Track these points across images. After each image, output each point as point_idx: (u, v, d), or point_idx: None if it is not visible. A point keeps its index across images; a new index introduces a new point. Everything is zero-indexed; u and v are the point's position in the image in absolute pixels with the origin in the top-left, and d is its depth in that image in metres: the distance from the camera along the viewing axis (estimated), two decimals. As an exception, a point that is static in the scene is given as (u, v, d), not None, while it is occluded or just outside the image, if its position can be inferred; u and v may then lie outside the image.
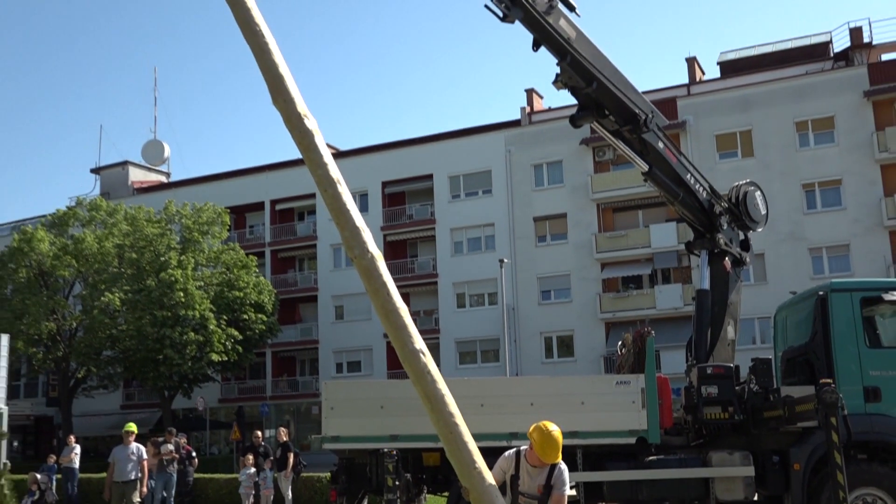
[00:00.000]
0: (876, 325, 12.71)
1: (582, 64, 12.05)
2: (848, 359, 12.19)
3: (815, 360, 12.62)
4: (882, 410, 11.98)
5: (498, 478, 5.95)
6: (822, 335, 12.49)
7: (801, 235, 41.72)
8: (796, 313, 13.94)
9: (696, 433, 13.03)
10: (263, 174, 56.07)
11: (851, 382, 11.94)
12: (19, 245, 44.33)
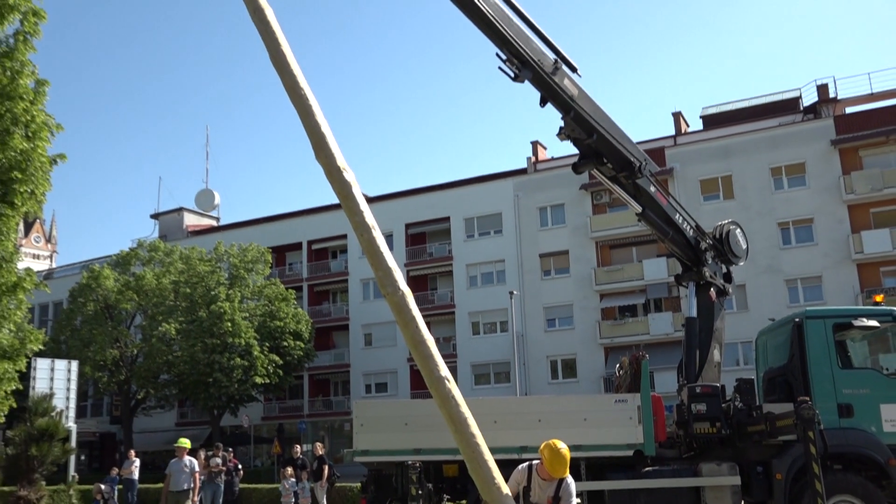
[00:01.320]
0: (847, 349, 12.62)
1: (584, 118, 12.12)
2: (823, 379, 12.07)
3: (793, 380, 12.50)
4: (855, 425, 11.83)
5: (512, 489, 5.92)
6: (798, 357, 12.39)
7: (778, 268, 41.49)
8: (775, 338, 13.83)
9: (687, 446, 12.92)
10: (301, 218, 56.49)
11: (826, 400, 11.80)
12: (88, 282, 44.74)
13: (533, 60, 11.18)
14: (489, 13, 10.43)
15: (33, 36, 15.45)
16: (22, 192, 14.97)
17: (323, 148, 4.16)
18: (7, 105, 14.75)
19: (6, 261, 15.02)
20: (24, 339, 15.57)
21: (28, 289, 15.56)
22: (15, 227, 15.37)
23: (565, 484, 6.36)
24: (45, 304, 59.43)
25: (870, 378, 12.25)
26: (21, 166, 14.78)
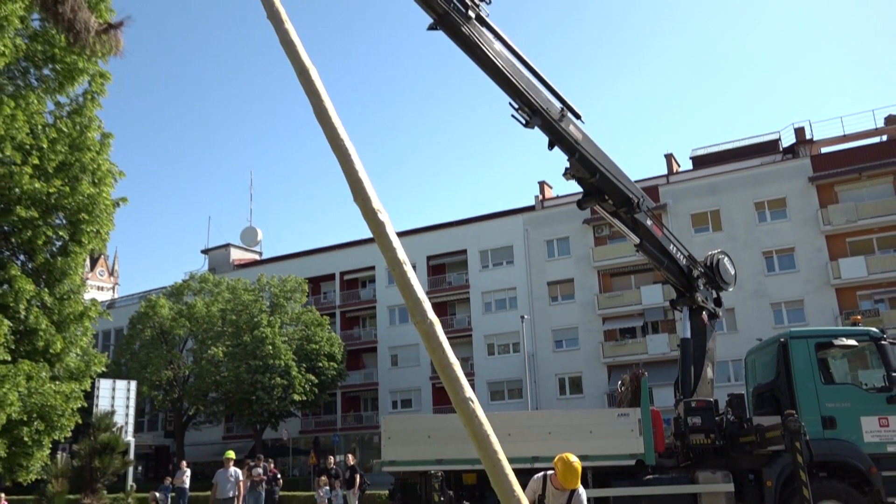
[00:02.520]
0: (829, 366, 12.44)
1: (588, 159, 12.14)
2: (807, 393, 11.88)
3: (780, 394, 12.31)
4: (838, 436, 11.61)
5: (529, 497, 5.85)
6: (784, 374, 12.22)
7: (764, 293, 41.03)
8: (763, 356, 13.65)
9: (684, 456, 12.71)
10: (334, 252, 56.65)
11: (811, 413, 11.61)
12: (146, 310, 44.98)
13: (542, 109, 11.24)
14: (504, 69, 10.53)
15: (100, 95, 15.76)
16: (89, 232, 15.17)
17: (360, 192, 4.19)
18: (77, 155, 15.01)
19: (74, 293, 15.18)
20: (89, 362, 15.66)
21: (93, 317, 15.69)
22: (82, 263, 15.54)
23: (577, 494, 6.29)
24: (108, 330, 59.81)
25: (850, 393, 12.04)
26: (88, 209, 14.99)
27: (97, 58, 13.55)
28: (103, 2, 14.76)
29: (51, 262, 14.79)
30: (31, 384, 13.67)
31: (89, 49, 5.21)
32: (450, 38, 9.93)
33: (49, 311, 14.58)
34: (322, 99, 4.32)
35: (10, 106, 13.53)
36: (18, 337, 14.09)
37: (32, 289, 14.00)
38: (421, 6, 9.44)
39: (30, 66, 15.07)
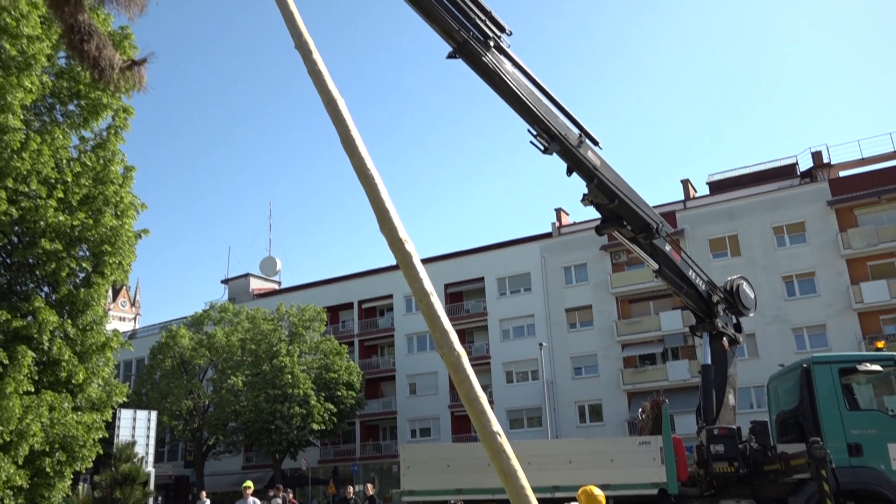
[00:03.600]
0: (853, 392, 12.19)
1: (606, 185, 12.11)
2: (832, 420, 11.64)
3: (804, 421, 12.08)
4: (864, 463, 11.34)
5: None
6: (808, 400, 12.00)
7: (785, 318, 40.51)
8: (785, 382, 13.42)
9: (708, 485, 12.45)
10: (352, 281, 56.76)
11: (836, 440, 11.36)
12: (166, 340, 45.21)
13: (561, 135, 11.26)
14: (523, 96, 10.58)
15: (123, 129, 16.06)
16: (111, 264, 15.34)
17: (387, 221, 4.20)
18: (100, 188, 15.25)
19: (97, 324, 15.31)
20: (110, 393, 15.74)
21: (115, 348, 15.80)
22: (105, 294, 15.70)
23: None
24: (130, 360, 60.13)
25: (876, 419, 11.79)
26: (111, 241, 15.19)
27: (121, 93, 13.82)
28: (127, 39, 15.11)
29: (74, 294, 14.96)
30: (54, 415, 13.75)
31: (113, 85, 5.33)
32: (469, 66, 10.01)
33: (72, 342, 14.71)
34: (349, 129, 4.36)
35: (37, 141, 13.81)
36: (42, 368, 14.21)
37: (56, 320, 14.15)
38: (440, 35, 9.53)
39: (56, 103, 15.42)
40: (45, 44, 14.06)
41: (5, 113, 13.28)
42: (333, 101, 4.44)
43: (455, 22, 9.40)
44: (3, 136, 13.30)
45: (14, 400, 12.77)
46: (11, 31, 13.53)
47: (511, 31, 10.19)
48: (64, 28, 5.12)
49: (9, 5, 11.63)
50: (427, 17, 9.18)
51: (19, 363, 13.08)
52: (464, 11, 9.52)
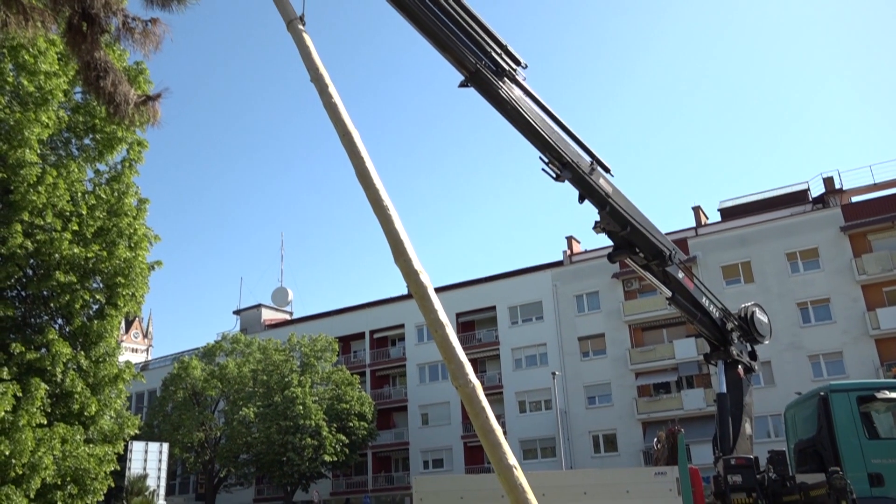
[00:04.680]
0: (872, 420, 11.97)
1: (619, 212, 12.08)
2: (851, 449, 11.43)
3: (823, 450, 11.87)
4: (886, 494, 11.09)
5: None
6: (826, 429, 11.80)
7: (801, 345, 40.09)
8: (803, 411, 13.23)
9: (726, 517, 12.21)
10: (363, 311, 56.76)
11: (856, 470, 11.14)
12: (178, 372, 45.22)
13: (573, 162, 11.27)
14: (535, 123, 10.61)
15: (137, 162, 16.26)
16: (124, 295, 15.43)
17: (402, 253, 4.21)
18: (114, 221, 15.40)
19: (109, 355, 15.35)
20: (122, 425, 15.71)
21: (127, 380, 15.81)
22: (118, 326, 15.76)
23: None
24: (142, 392, 60.17)
25: (897, 448, 11.56)
26: (124, 273, 15.29)
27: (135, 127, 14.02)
28: (142, 74, 15.36)
29: (87, 326, 15.02)
30: (66, 448, 13.73)
31: (128, 120, 5.41)
32: (480, 95, 10.07)
33: (85, 374, 14.74)
34: (365, 161, 4.40)
35: (53, 175, 14.00)
36: (54, 400, 14.23)
37: (69, 352, 14.20)
38: (453, 64, 9.61)
39: (72, 137, 15.66)
40: (62, 79, 14.33)
41: (22, 148, 13.49)
42: (349, 134, 4.49)
43: (468, 51, 9.48)
44: (19, 170, 13.50)
45: (27, 433, 12.78)
46: (30, 68, 13.80)
47: (527, 65, 10.25)
48: (81, 65, 5.22)
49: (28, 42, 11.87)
50: (440, 47, 9.27)
51: (32, 395, 13.11)
52: (478, 43, 9.60)
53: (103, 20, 5.00)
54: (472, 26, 9.42)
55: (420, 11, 8.73)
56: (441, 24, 9.01)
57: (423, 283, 4.09)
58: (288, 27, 6.34)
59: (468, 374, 3.91)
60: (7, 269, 13.89)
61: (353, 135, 4.47)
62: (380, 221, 4.31)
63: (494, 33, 9.76)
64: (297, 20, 6.38)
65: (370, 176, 4.36)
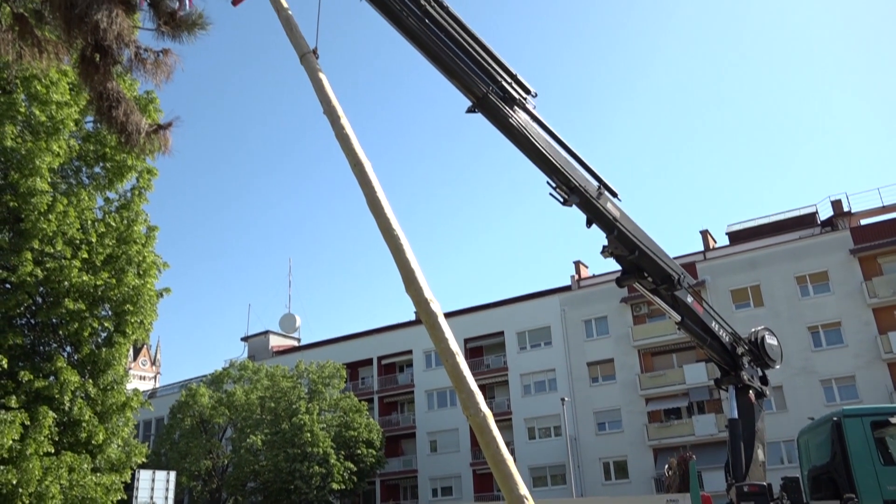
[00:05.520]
0: (887, 445, 11.81)
1: (627, 236, 12.09)
2: (866, 475, 11.27)
3: (838, 477, 11.70)
4: (903, 521, 10.91)
5: None
6: (841, 455, 11.64)
7: (812, 370, 39.70)
8: (816, 437, 13.08)
9: (739, 544, 12.02)
10: (371, 337, 56.65)
11: (872, 497, 10.98)
12: (186, 399, 45.08)
13: (580, 187, 11.31)
14: (543, 149, 10.67)
15: (147, 190, 16.40)
16: (133, 323, 15.48)
17: (412, 282, 4.22)
18: (123, 248, 15.50)
19: (117, 383, 15.37)
20: (130, 453, 15.67)
21: (135, 407, 15.81)
22: (126, 353, 15.79)
23: None
24: (150, 420, 59.96)
25: (913, 474, 11.38)
26: (133, 300, 15.35)
27: (146, 156, 14.17)
28: (152, 103, 15.57)
29: (96, 353, 15.05)
30: (73, 476, 13.69)
31: (139, 149, 5.49)
32: (488, 120, 10.14)
33: (92, 402, 14.75)
34: (376, 191, 4.45)
35: (63, 203, 14.14)
36: (62, 428, 14.22)
37: (77, 380, 14.22)
38: (460, 90, 9.69)
39: (82, 165, 15.83)
40: (73, 109, 14.53)
41: (34, 176, 13.64)
42: (360, 164, 4.54)
43: (476, 78, 9.56)
44: (30, 198, 13.63)
45: (34, 461, 12.76)
46: (42, 98, 14.01)
47: (536, 93, 10.33)
48: (93, 95, 5.30)
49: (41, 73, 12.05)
50: (448, 74, 9.36)
51: (40, 424, 13.11)
52: (488, 72, 9.68)
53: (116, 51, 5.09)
54: (482, 55, 9.52)
55: (429, 39, 8.82)
56: (450, 52, 9.11)
57: (434, 312, 4.09)
58: (301, 60, 6.44)
59: (479, 403, 3.89)
60: (17, 296, 13.98)
61: (365, 164, 4.53)
62: (390, 250, 4.33)
63: (504, 62, 9.85)
64: (311, 53, 6.49)
65: (381, 205, 4.40)
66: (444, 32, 8.97)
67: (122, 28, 4.86)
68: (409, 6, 8.55)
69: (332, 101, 4.92)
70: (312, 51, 6.60)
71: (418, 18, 8.64)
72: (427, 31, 8.77)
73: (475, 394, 3.90)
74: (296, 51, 6.56)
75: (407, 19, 8.56)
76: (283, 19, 6.80)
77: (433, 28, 8.82)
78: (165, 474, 24.36)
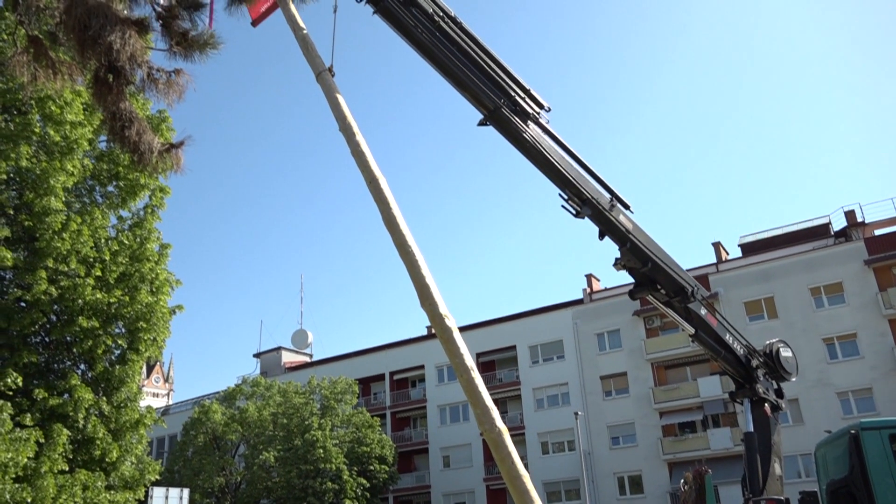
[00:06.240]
0: (907, 458, 11.61)
1: (640, 248, 12.02)
2: (886, 489, 11.09)
3: (857, 491, 11.52)
4: (924, 536, 10.71)
5: None
6: (859, 469, 11.48)
7: (828, 382, 39.27)
8: (833, 450, 12.90)
9: (757, 560, 11.86)
10: (383, 352, 56.57)
11: (893, 511, 10.79)
12: (199, 416, 45.10)
13: (593, 198, 11.28)
14: (555, 161, 10.65)
15: (159, 208, 16.52)
16: (146, 340, 15.54)
17: (427, 297, 4.22)
18: (136, 266, 15.59)
19: (131, 400, 15.40)
20: (143, 471, 15.68)
21: (148, 425, 15.83)
22: (139, 371, 15.84)
23: None
24: (163, 437, 60.02)
25: (934, 488, 11.19)
26: (146, 317, 15.42)
27: (159, 175, 14.29)
28: (164, 122, 15.71)
29: (109, 371, 15.11)
30: (87, 494, 13.71)
31: (152, 168, 5.54)
32: (499, 132, 10.12)
33: (106, 420, 14.78)
34: (391, 207, 4.46)
35: (77, 222, 14.26)
36: (76, 446, 14.25)
37: (91, 398, 14.27)
38: (471, 103, 9.70)
39: (96, 184, 15.97)
40: (87, 129, 14.68)
41: (48, 196, 13.77)
42: (376, 181, 4.56)
43: (488, 91, 9.56)
44: (45, 218, 13.75)
45: (49, 479, 12.78)
46: (56, 118, 14.16)
47: (550, 108, 10.32)
48: (107, 116, 5.36)
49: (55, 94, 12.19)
50: (459, 87, 9.37)
51: (55, 441, 13.15)
52: (501, 86, 9.67)
53: (128, 72, 5.15)
54: (495, 70, 9.53)
55: (441, 53, 8.84)
56: (462, 66, 9.12)
57: (449, 327, 4.09)
58: (317, 79, 6.49)
59: (494, 418, 3.87)
60: (31, 315, 14.07)
61: (380, 181, 4.55)
62: (406, 265, 4.33)
63: (517, 77, 9.85)
64: (326, 72, 6.54)
65: (396, 221, 4.41)
66: (456, 46, 8.99)
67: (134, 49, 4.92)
68: (422, 22, 8.58)
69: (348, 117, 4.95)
70: (328, 68, 6.65)
71: (430, 32, 8.67)
72: (439, 44, 8.79)
73: (490, 409, 3.88)
74: (312, 69, 6.61)
75: (419, 33, 8.59)
76: (300, 38, 6.86)
77: (445, 42, 8.85)
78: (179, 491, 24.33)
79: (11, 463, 12.00)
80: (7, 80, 13.57)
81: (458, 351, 4.05)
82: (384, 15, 8.41)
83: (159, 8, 5.70)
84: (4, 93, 13.75)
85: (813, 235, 45.65)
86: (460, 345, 4.08)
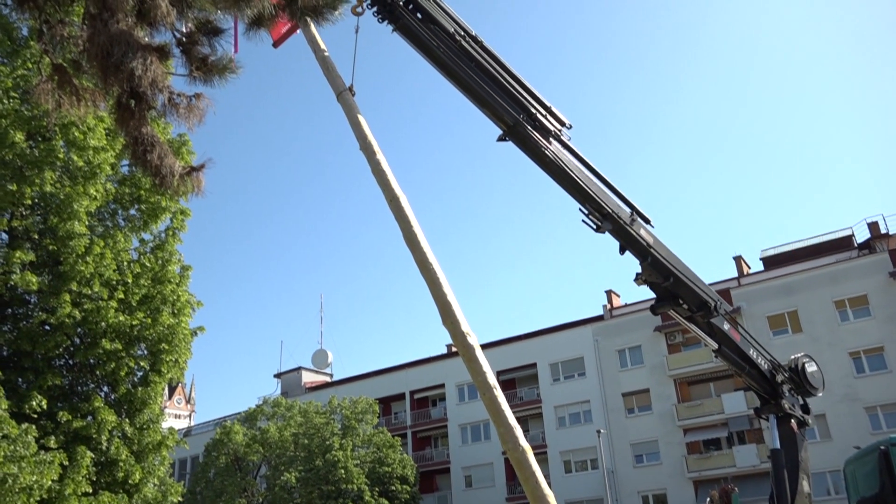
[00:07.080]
0: (939, 474, 11.38)
1: (661, 263, 11.91)
2: (918, 506, 10.87)
3: (888, 508, 11.29)
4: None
5: None
6: (889, 485, 11.26)
7: (856, 396, 38.58)
8: (863, 466, 12.67)
9: (787, 580, 11.61)
10: (403, 371, 56.47)
11: (925, 528, 10.56)
12: (220, 437, 45.20)
13: (613, 213, 11.23)
14: (576, 176, 10.63)
15: (180, 230, 16.70)
16: (168, 362, 15.65)
17: (449, 315, 4.22)
18: (158, 288, 15.75)
19: (153, 422, 15.49)
20: (165, 493, 15.73)
21: (170, 446, 15.89)
22: (161, 392, 15.94)
23: None
24: (185, 458, 60.17)
25: (968, 504, 10.96)
26: (168, 339, 15.55)
27: (180, 198, 14.47)
28: (185, 145, 15.93)
29: (132, 393, 15.22)
30: (111, 517, 13.75)
31: (173, 191, 5.61)
32: (519, 148, 10.12)
33: (129, 442, 14.87)
34: (412, 225, 4.48)
35: (100, 245, 14.45)
36: (100, 468, 14.33)
37: (114, 420, 14.36)
38: (490, 118, 9.72)
39: (118, 208, 16.19)
40: (109, 153, 14.92)
41: (72, 220, 13.98)
42: (396, 199, 4.58)
43: (508, 107, 9.58)
44: (69, 241, 13.95)
45: (73, 502, 12.86)
46: (79, 144, 14.41)
47: (571, 125, 10.32)
48: (129, 140, 5.45)
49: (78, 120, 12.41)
50: (478, 103, 9.41)
51: (78, 464, 13.23)
52: (521, 104, 9.69)
53: (150, 97, 5.23)
54: (516, 88, 9.56)
55: (462, 71, 8.90)
56: (482, 83, 9.16)
57: (471, 345, 4.08)
58: (338, 99, 6.56)
59: (518, 437, 3.84)
60: (56, 338, 14.23)
61: (401, 199, 4.57)
62: (427, 283, 4.33)
63: (538, 94, 9.87)
64: (347, 91, 6.61)
65: (417, 239, 4.42)
66: (476, 64, 9.03)
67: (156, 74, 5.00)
68: (444, 39, 8.65)
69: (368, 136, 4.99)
70: (349, 88, 6.72)
71: (451, 50, 8.73)
72: (459, 62, 8.84)
73: (514, 428, 3.85)
74: (333, 89, 6.68)
75: (439, 51, 8.66)
76: (321, 59, 6.94)
77: (465, 59, 8.90)
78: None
79: (36, 486, 12.08)
80: (32, 108, 13.84)
81: (481, 369, 4.04)
82: (403, 32, 8.49)
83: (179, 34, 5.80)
84: (29, 120, 14.02)
85: (836, 248, 45.10)
86: (483, 363, 4.06)
